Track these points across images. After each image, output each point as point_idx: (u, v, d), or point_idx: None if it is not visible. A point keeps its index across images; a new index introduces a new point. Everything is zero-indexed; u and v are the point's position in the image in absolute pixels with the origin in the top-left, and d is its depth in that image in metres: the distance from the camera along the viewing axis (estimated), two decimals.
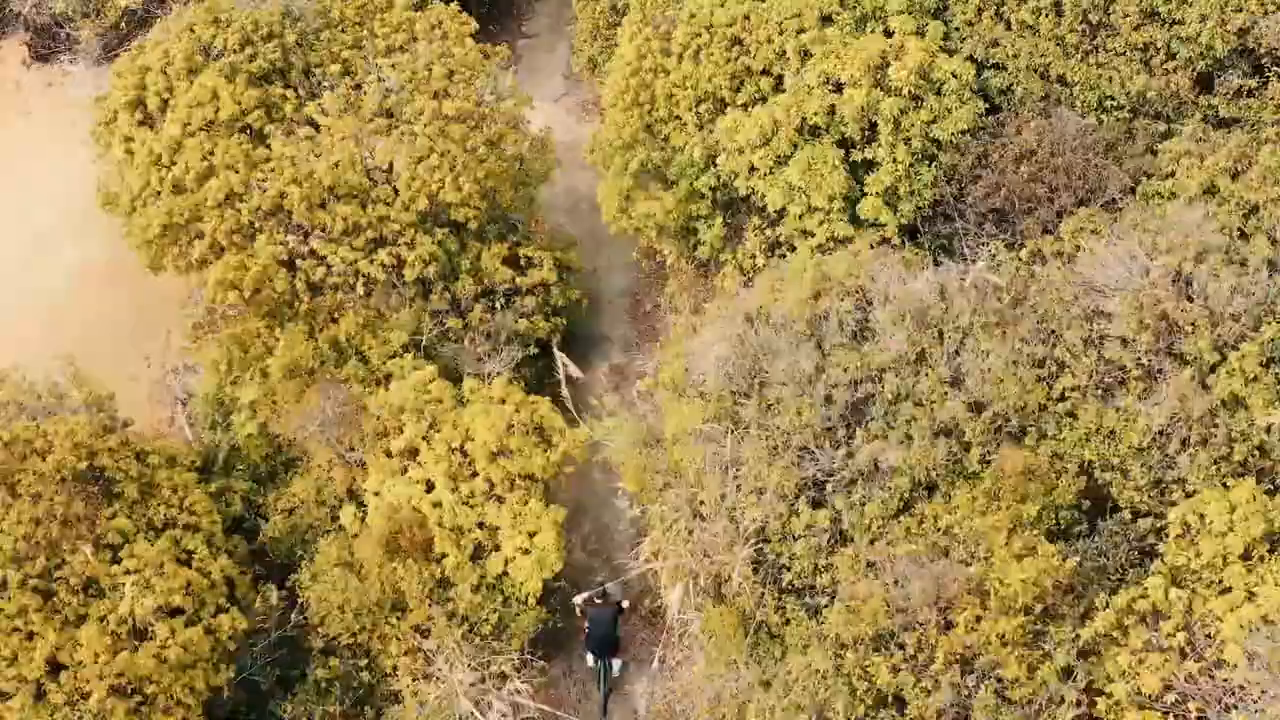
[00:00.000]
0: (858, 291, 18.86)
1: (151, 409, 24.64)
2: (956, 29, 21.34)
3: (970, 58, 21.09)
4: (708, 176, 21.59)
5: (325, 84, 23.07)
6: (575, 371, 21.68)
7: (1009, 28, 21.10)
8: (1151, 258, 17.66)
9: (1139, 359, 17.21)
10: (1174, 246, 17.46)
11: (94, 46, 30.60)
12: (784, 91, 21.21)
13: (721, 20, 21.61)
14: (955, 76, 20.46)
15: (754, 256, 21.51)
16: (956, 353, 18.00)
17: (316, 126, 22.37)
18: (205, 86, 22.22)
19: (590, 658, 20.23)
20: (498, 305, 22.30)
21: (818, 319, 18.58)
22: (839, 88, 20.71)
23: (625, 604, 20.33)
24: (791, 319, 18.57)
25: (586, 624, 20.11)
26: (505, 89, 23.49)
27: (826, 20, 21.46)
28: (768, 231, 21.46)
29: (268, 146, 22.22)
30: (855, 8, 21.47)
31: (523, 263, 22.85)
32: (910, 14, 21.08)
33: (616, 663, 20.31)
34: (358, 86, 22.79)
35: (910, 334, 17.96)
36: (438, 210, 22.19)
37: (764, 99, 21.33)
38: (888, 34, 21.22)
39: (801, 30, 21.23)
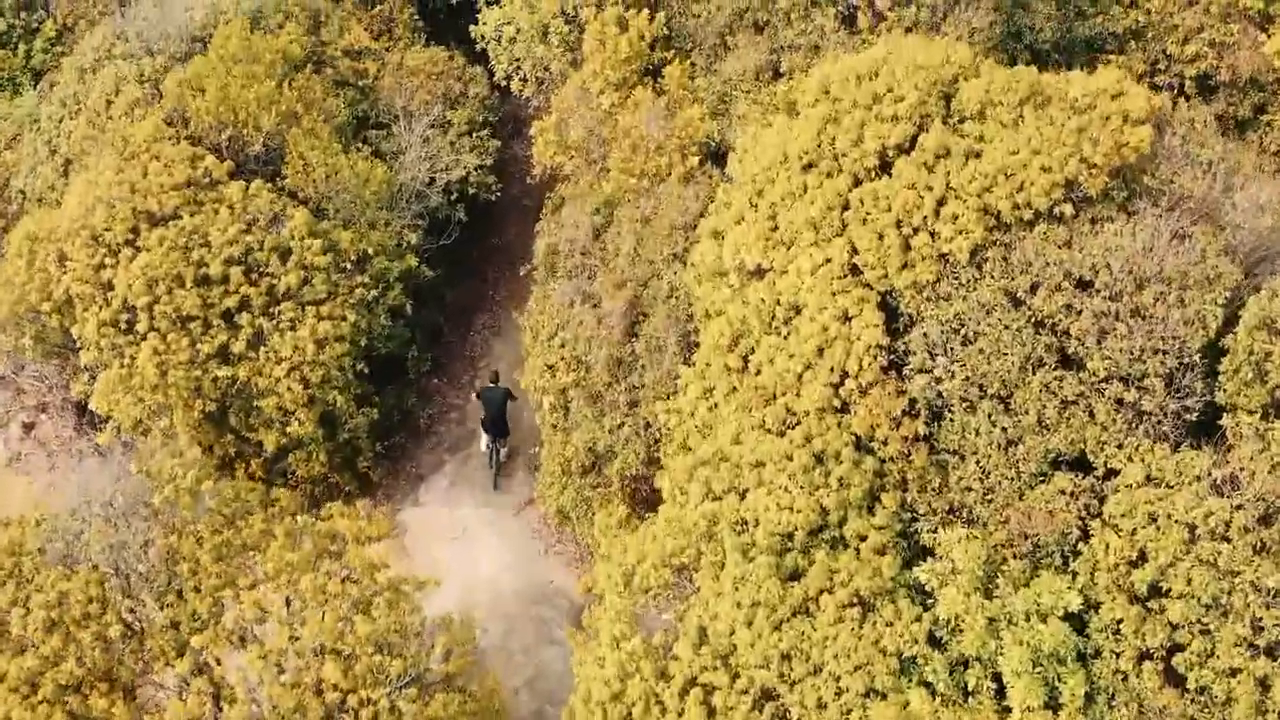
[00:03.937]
0: None
1: None
2: (1105, 685, 14.08)
3: None
4: None
5: (167, 688, 15.96)
6: None
7: (1185, 694, 13.86)
8: None
9: None
10: None
11: None
12: None
13: (749, 659, 14.31)
14: None
15: None
16: None
17: None
18: None
19: (484, 439, 21.50)
20: None
21: None
22: None
23: (514, 395, 21.14)
24: None
25: (482, 405, 21.22)
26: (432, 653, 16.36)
27: (906, 665, 14.21)
28: None
29: None
30: (946, 647, 14.21)
31: None
32: (1036, 671, 13.80)
33: (505, 449, 21.66)
34: (216, 694, 15.68)
35: None
36: None
37: None
38: (1000, 700, 14.01)
39: (871, 691, 14.04)
